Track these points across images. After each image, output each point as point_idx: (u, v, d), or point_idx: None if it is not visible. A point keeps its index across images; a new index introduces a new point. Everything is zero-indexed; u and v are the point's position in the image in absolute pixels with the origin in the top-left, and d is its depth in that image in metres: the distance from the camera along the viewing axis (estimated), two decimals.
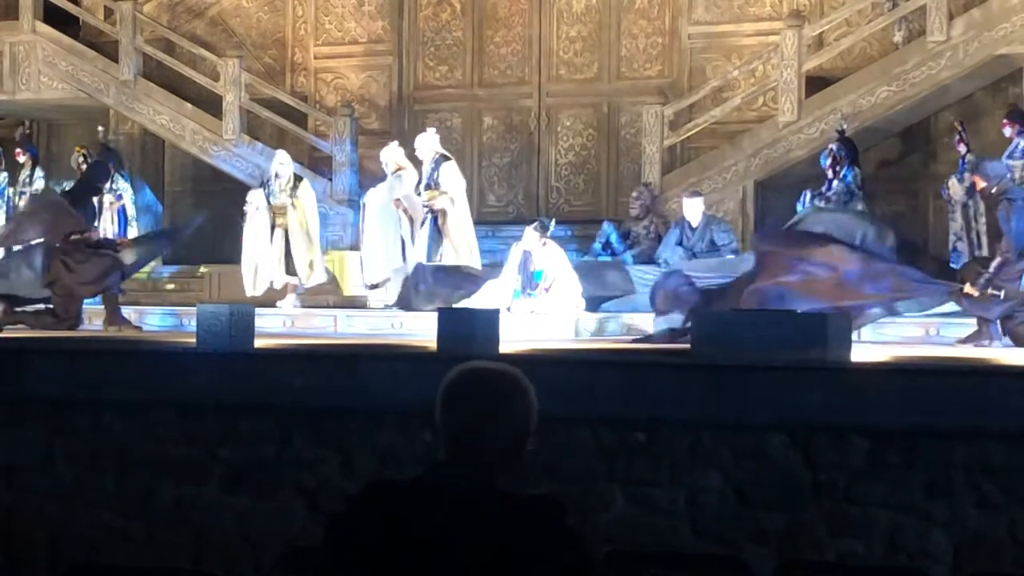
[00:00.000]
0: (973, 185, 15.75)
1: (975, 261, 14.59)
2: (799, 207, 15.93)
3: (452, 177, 16.71)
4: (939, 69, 16.55)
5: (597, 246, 17.19)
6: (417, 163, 16.93)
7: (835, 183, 15.84)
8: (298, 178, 17.46)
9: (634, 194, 17.41)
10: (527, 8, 19.34)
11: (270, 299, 16.67)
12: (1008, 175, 14.77)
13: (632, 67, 18.97)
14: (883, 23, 17.32)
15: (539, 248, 15.53)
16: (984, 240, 15.46)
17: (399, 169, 17.03)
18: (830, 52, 17.55)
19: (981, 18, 16.40)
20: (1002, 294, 12.84)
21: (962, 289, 12.94)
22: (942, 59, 16.53)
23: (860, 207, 15.79)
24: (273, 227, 17.20)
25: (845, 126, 16.39)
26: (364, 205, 17.30)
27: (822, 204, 15.72)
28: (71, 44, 20.52)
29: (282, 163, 17.37)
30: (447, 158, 16.87)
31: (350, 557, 3.30)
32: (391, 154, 17.17)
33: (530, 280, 15.49)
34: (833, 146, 16.07)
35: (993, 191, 14.47)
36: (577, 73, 19.21)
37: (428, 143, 16.87)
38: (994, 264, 13.26)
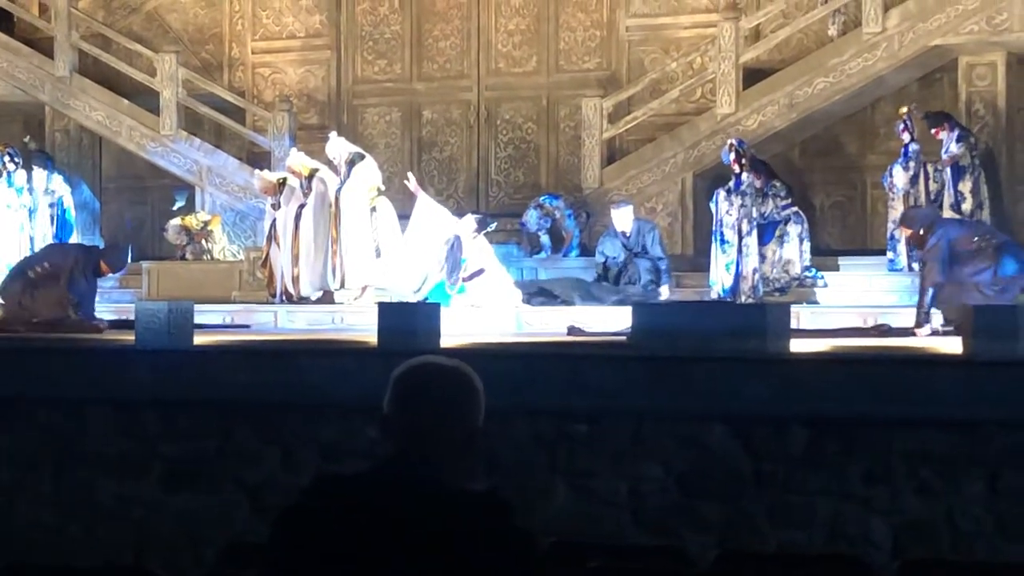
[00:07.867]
0: (917, 174, 15.84)
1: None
2: (712, 206, 15.98)
3: (360, 174, 16.19)
4: (875, 60, 16.64)
5: (545, 239, 17.26)
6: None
7: (744, 175, 15.87)
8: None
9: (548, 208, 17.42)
10: (465, 2, 19.30)
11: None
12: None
13: (571, 60, 18.97)
14: (819, 15, 17.39)
15: (470, 238, 15.58)
16: None
17: (312, 172, 16.31)
18: (767, 44, 17.61)
19: (916, 9, 16.49)
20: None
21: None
22: (878, 50, 16.63)
23: (774, 201, 15.90)
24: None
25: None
26: (301, 215, 16.27)
27: (738, 199, 15.75)
28: (6, 41, 20.32)
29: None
30: (362, 156, 16.37)
31: (300, 548, 3.27)
32: (299, 159, 16.42)
33: (456, 265, 15.53)
34: (733, 140, 16.09)
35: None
36: (516, 66, 19.19)
37: (336, 148, 16.31)
38: (927, 300, 13.15)
